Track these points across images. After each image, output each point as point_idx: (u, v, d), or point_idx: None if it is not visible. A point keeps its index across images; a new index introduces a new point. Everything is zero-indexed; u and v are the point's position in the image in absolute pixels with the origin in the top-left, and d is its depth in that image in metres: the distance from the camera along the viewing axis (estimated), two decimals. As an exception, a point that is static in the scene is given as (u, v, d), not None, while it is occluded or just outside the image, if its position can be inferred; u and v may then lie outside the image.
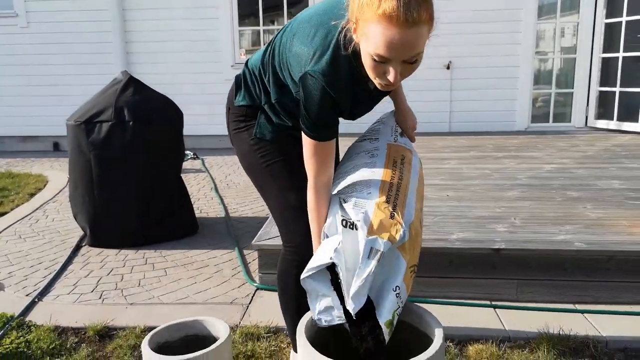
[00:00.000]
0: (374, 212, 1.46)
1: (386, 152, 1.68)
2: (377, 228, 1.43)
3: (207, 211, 4.13)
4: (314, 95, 1.46)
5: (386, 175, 1.58)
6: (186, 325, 1.82)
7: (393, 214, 1.47)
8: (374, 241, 1.41)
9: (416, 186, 1.64)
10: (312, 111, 1.48)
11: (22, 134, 7.32)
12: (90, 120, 3.20)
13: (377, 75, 1.41)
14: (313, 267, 1.47)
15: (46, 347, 2.21)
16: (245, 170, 1.85)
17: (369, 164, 1.64)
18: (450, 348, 2.14)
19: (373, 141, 1.75)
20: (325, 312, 1.51)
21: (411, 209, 1.54)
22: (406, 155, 1.69)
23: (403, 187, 1.58)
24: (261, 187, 1.82)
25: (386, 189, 1.54)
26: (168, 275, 2.91)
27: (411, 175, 1.65)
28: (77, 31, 6.92)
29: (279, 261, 1.84)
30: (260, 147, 1.77)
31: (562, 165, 4.33)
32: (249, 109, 1.76)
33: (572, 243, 2.50)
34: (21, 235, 3.64)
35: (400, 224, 1.45)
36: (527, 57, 6.47)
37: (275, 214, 1.80)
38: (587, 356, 2.06)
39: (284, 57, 1.59)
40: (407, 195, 1.57)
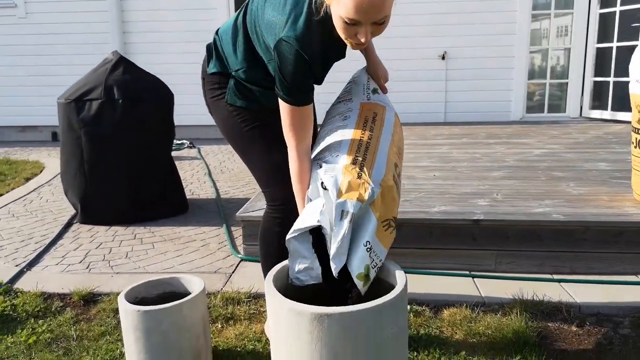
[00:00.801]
0: (342, 175, 1.51)
1: (358, 112, 1.72)
2: (345, 190, 1.48)
3: (198, 193, 4.18)
4: (289, 60, 1.50)
5: (355, 135, 1.62)
6: (163, 282, 1.86)
7: (360, 173, 1.51)
8: (343, 204, 1.47)
9: (389, 141, 1.67)
10: (288, 76, 1.51)
11: (21, 123, 7.38)
12: (80, 98, 3.26)
13: (348, 37, 1.47)
14: (299, 229, 1.51)
15: (31, 310, 2.27)
16: (225, 136, 1.88)
17: (342, 127, 1.68)
18: (425, 312, 2.18)
19: (347, 102, 1.79)
20: (304, 272, 1.57)
21: (381, 166, 1.58)
22: (378, 112, 1.72)
23: (373, 145, 1.62)
24: (243, 151, 1.86)
25: (354, 150, 1.58)
26: (155, 248, 2.96)
27: (383, 131, 1.68)
28: (75, 21, 6.98)
29: (263, 219, 1.89)
30: (239, 112, 1.81)
31: (551, 150, 4.36)
32: (222, 76, 1.79)
33: (550, 215, 2.54)
34: (14, 214, 3.70)
35: (367, 182, 1.50)
36: (522, 47, 6.50)
37: (259, 174, 1.85)
38: (560, 319, 2.10)
39: (255, 24, 1.64)
40: (376, 153, 1.61)
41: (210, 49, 1.83)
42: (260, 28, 1.61)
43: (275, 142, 1.76)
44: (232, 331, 2.05)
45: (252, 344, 1.96)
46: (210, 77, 1.83)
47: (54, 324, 2.16)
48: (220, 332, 2.05)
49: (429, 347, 1.90)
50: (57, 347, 1.99)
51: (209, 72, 1.83)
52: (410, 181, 3.30)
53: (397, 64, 6.59)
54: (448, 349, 1.89)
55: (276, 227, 1.83)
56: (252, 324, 2.10)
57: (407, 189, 3.11)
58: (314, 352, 1.36)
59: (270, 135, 1.79)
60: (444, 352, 1.87)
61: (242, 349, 1.93)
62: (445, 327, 2.06)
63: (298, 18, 1.50)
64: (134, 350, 1.69)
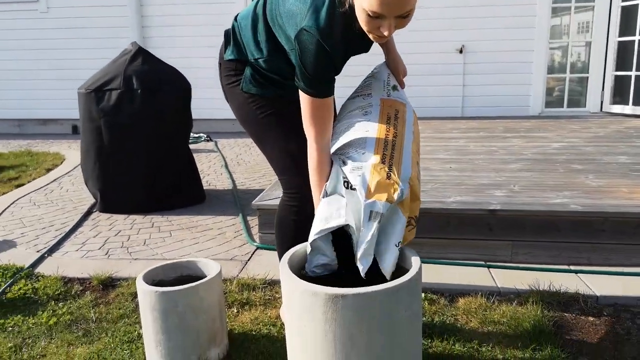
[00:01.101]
0: (370, 174, 1.49)
1: (380, 108, 1.69)
2: (374, 190, 1.47)
3: (215, 184, 4.21)
4: (310, 50, 1.48)
5: (380, 133, 1.60)
6: (180, 265, 1.89)
7: (389, 173, 1.50)
8: (373, 204, 1.46)
9: (412, 139, 1.66)
10: (309, 66, 1.50)
11: (42, 117, 7.51)
12: (100, 88, 3.31)
13: (371, 30, 1.45)
14: (327, 228, 1.51)
15: (52, 293, 2.32)
16: (241, 123, 1.88)
17: (363, 122, 1.65)
18: (440, 300, 2.18)
19: (366, 97, 1.76)
20: (321, 267, 1.59)
21: (408, 164, 1.56)
22: (400, 109, 1.70)
23: (398, 143, 1.60)
24: (259, 138, 1.85)
25: (381, 148, 1.56)
26: (173, 236, 3.00)
27: (405, 129, 1.66)
28: (95, 16, 7.07)
29: (279, 208, 1.89)
30: (254, 99, 1.80)
31: (570, 143, 4.31)
32: (239, 63, 1.79)
33: (567, 205, 2.52)
34: (36, 203, 3.77)
35: (397, 183, 1.49)
36: (542, 41, 6.42)
37: (276, 162, 1.84)
38: (576, 310, 2.08)
39: (276, 13, 1.62)
40: (402, 151, 1.59)
41: (228, 35, 1.83)
42: (281, 17, 1.60)
43: (292, 131, 1.76)
44: (248, 316, 2.07)
45: (267, 328, 1.98)
46: (227, 64, 1.84)
47: (74, 306, 2.20)
48: (236, 317, 2.08)
49: (443, 334, 1.90)
50: (76, 328, 2.03)
51: (225, 59, 1.83)
52: (426, 172, 3.29)
53: (415, 57, 6.55)
54: (462, 336, 1.89)
55: (292, 215, 1.84)
56: (267, 309, 2.12)
57: (422, 180, 3.10)
58: (328, 333, 1.37)
59: (286, 123, 1.79)
60: (458, 338, 1.87)
61: (257, 333, 1.95)
62: (460, 315, 2.05)
63: (320, 8, 1.49)
64: (151, 330, 1.72)
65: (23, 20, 7.20)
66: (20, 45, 7.29)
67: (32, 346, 1.91)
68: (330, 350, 1.38)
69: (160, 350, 1.73)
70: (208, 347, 1.76)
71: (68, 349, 1.89)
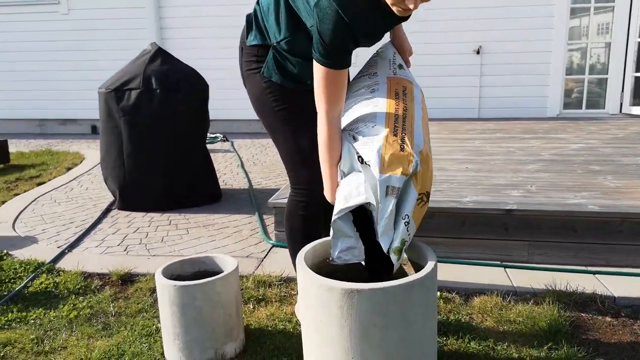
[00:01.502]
0: (383, 147, 1.45)
1: (387, 86, 1.67)
2: (388, 164, 1.43)
3: (231, 184, 4.25)
4: (328, 18, 1.45)
5: (390, 107, 1.58)
6: (198, 261, 1.92)
7: (402, 145, 1.46)
8: (388, 179, 1.42)
9: (421, 115, 1.63)
10: (326, 35, 1.47)
11: (62, 117, 7.64)
12: (120, 87, 3.36)
13: (395, 3, 1.42)
14: (346, 207, 1.46)
15: (72, 287, 2.36)
16: (256, 112, 1.87)
17: (371, 98, 1.63)
18: (455, 298, 2.18)
19: (372, 76, 1.74)
20: (347, 251, 1.54)
21: (419, 135, 1.54)
22: (407, 87, 1.68)
23: (409, 116, 1.57)
24: (272, 129, 1.85)
25: (392, 121, 1.53)
26: (190, 233, 3.04)
27: (415, 106, 1.63)
28: (114, 17, 7.18)
29: (287, 203, 1.91)
30: (272, 90, 1.79)
31: (589, 144, 4.27)
32: (261, 49, 1.77)
33: (585, 206, 2.50)
34: (56, 200, 3.85)
35: (411, 155, 1.45)
36: (560, 42, 6.36)
37: (285, 157, 1.86)
38: (594, 310, 2.07)
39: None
40: (413, 123, 1.57)
41: (250, 19, 1.81)
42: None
43: (304, 128, 1.77)
44: (264, 312, 2.09)
45: (282, 324, 2.00)
46: (249, 49, 1.81)
47: (94, 300, 2.25)
48: (252, 313, 2.10)
49: (458, 332, 1.90)
50: (96, 322, 2.07)
51: (248, 44, 1.81)
52: (441, 172, 3.29)
53: (431, 58, 6.55)
54: (478, 335, 1.89)
55: (300, 210, 1.85)
56: (283, 306, 2.14)
57: (438, 180, 3.10)
58: (343, 327, 1.38)
59: (300, 119, 1.79)
60: (473, 337, 1.87)
61: (272, 329, 1.97)
62: (475, 313, 2.05)
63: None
64: (169, 324, 1.75)
65: (44, 22, 7.34)
66: (41, 47, 7.43)
67: (54, 338, 1.96)
68: (345, 345, 1.39)
69: (177, 344, 1.75)
70: (225, 341, 1.78)
71: (88, 341, 1.93)
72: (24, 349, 1.89)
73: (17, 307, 2.20)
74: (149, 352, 1.84)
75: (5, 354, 1.86)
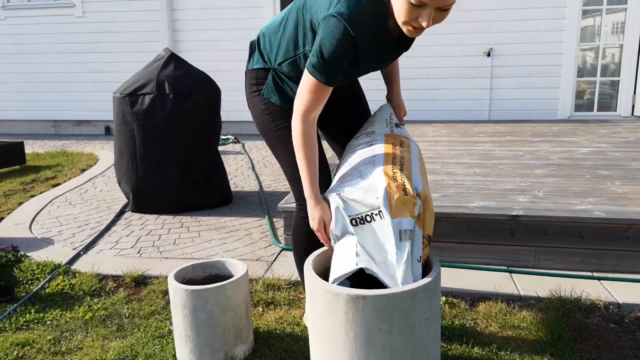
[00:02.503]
0: (388, 193, 1.48)
1: (384, 139, 1.71)
2: (396, 208, 1.47)
3: (242, 186, 4.31)
4: (333, 34, 1.48)
5: (387, 149, 1.63)
6: (209, 265, 1.98)
7: (405, 189, 1.49)
8: (400, 223, 1.46)
9: (419, 165, 1.67)
10: (327, 49, 1.50)
11: (77, 118, 7.76)
12: (134, 92, 3.44)
13: (409, 20, 1.44)
14: (338, 277, 1.48)
15: (87, 289, 2.43)
16: (259, 131, 1.95)
17: (369, 150, 1.67)
18: (460, 304, 2.21)
19: (370, 134, 1.78)
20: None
21: (417, 179, 1.58)
22: (404, 141, 1.73)
23: (406, 162, 1.61)
24: (273, 148, 1.92)
25: (390, 165, 1.56)
26: (201, 236, 3.10)
27: (412, 156, 1.67)
28: (128, 20, 7.28)
29: (293, 218, 1.97)
30: (270, 111, 1.86)
31: (598, 148, 4.27)
32: (261, 72, 1.85)
33: (591, 212, 2.52)
34: (71, 202, 3.93)
35: (414, 197, 1.49)
36: (572, 44, 6.34)
37: (287, 173, 1.91)
38: (598, 316, 2.09)
39: (306, 9, 1.65)
40: (411, 169, 1.60)
41: (252, 45, 1.91)
42: (310, 9, 1.62)
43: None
44: (273, 315, 2.15)
45: (291, 327, 2.05)
46: (250, 73, 1.90)
47: (108, 302, 2.31)
48: (261, 316, 2.15)
49: (462, 337, 1.94)
50: (111, 323, 2.14)
51: (250, 68, 1.90)
52: (449, 177, 3.32)
53: (442, 60, 6.57)
54: (482, 340, 1.93)
55: (304, 226, 1.89)
56: (292, 309, 2.19)
57: (446, 184, 3.13)
58: (349, 332, 1.43)
59: None
60: (477, 342, 1.91)
61: (281, 332, 2.02)
62: (480, 319, 2.09)
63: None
64: (181, 326, 1.81)
65: (59, 24, 7.47)
66: (57, 49, 7.56)
67: (70, 339, 2.02)
68: (350, 349, 1.44)
69: (189, 346, 1.81)
70: (234, 343, 1.84)
71: (103, 342, 1.99)
72: (42, 349, 1.96)
73: (34, 308, 2.28)
74: (162, 353, 1.90)
75: (23, 354, 1.93)
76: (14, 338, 2.02)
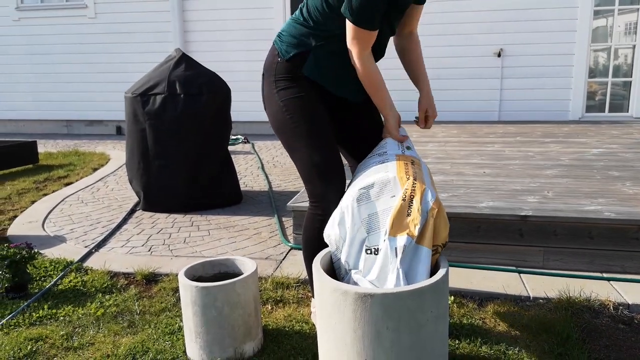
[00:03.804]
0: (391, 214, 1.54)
1: (395, 159, 1.75)
2: (394, 226, 1.52)
3: (251, 185, 4.34)
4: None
5: (399, 166, 1.67)
6: (219, 263, 2.00)
7: (409, 210, 1.54)
8: (394, 240, 1.51)
9: (430, 181, 1.70)
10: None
11: (89, 118, 7.84)
12: (146, 92, 3.47)
13: None
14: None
15: (99, 286, 2.47)
16: (275, 131, 1.96)
17: (382, 165, 1.72)
18: (469, 303, 2.21)
19: (382, 155, 1.81)
20: None
21: (427, 193, 1.60)
22: (415, 161, 1.76)
23: (418, 177, 1.64)
24: (290, 146, 1.93)
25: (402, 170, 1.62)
26: (211, 235, 3.13)
27: (423, 173, 1.71)
28: (140, 21, 7.35)
29: (305, 215, 1.98)
30: (288, 108, 1.88)
31: (609, 149, 4.24)
32: (298, 58, 1.85)
33: (601, 212, 2.51)
34: (83, 201, 3.98)
35: (417, 218, 1.53)
36: (583, 44, 6.31)
37: (301, 171, 1.93)
38: (607, 317, 2.09)
39: None
40: (423, 181, 1.64)
41: (276, 40, 1.91)
42: None
43: (319, 144, 1.86)
44: (281, 313, 2.17)
45: (299, 325, 2.07)
46: (282, 65, 1.88)
47: (120, 299, 2.34)
48: (270, 313, 2.17)
49: (470, 336, 1.94)
50: (122, 319, 2.17)
51: (286, 58, 1.87)
52: (459, 177, 3.32)
53: (452, 61, 6.56)
54: (490, 339, 1.93)
55: (316, 223, 1.90)
56: (300, 307, 2.21)
57: (455, 184, 3.13)
58: (356, 330, 1.44)
59: (315, 136, 1.87)
60: (485, 341, 1.91)
61: (290, 329, 2.04)
62: (488, 318, 2.09)
63: None
64: (191, 323, 1.83)
65: (72, 25, 7.56)
66: (69, 50, 7.65)
67: (82, 335, 2.06)
68: (358, 346, 1.45)
69: (199, 342, 1.84)
70: (244, 340, 1.86)
71: (114, 338, 2.02)
72: (55, 344, 1.99)
73: (47, 304, 2.31)
74: (172, 349, 1.92)
75: (37, 348, 1.96)
76: (28, 333, 2.06)
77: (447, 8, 6.43)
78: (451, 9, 6.46)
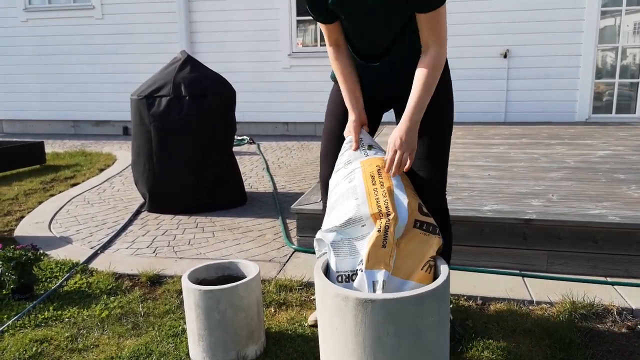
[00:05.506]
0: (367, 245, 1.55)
1: (362, 171, 1.71)
2: (370, 259, 1.53)
3: (256, 187, 4.35)
4: None
5: (367, 184, 1.65)
6: (222, 266, 2.01)
7: (385, 242, 1.54)
8: (372, 274, 1.52)
9: (402, 185, 1.67)
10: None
11: (96, 118, 7.89)
12: (151, 95, 3.49)
13: None
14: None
15: (104, 287, 2.49)
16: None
17: (351, 188, 1.68)
18: (471, 306, 2.22)
19: (347, 164, 1.78)
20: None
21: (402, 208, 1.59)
22: (380, 164, 1.72)
23: (389, 194, 1.62)
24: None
25: (373, 204, 1.60)
26: (215, 237, 3.14)
27: (392, 181, 1.68)
28: (146, 22, 7.39)
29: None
30: None
31: (615, 152, 4.22)
32: None
33: (605, 216, 2.50)
34: (89, 202, 4.01)
35: (393, 250, 1.54)
36: (590, 45, 6.28)
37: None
38: (610, 321, 2.08)
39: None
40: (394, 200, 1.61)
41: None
42: None
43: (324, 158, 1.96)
44: (284, 315, 2.17)
45: (302, 328, 2.08)
46: None
47: (124, 301, 2.36)
48: (273, 316, 2.18)
49: (472, 340, 1.94)
50: (126, 321, 2.19)
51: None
52: (463, 180, 3.32)
53: (458, 62, 6.54)
54: (492, 343, 1.93)
55: None
56: (303, 310, 2.22)
57: (459, 187, 3.13)
58: (357, 335, 1.45)
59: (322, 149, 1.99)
60: (487, 345, 1.91)
61: (292, 332, 2.05)
62: (491, 322, 2.09)
63: None
64: (195, 326, 1.85)
65: (79, 26, 7.60)
66: (77, 50, 7.70)
67: (87, 336, 2.08)
68: (359, 351, 1.46)
69: (202, 345, 1.85)
70: (246, 343, 1.87)
71: (118, 340, 2.04)
72: (59, 346, 2.01)
73: (53, 305, 2.34)
74: (175, 352, 1.94)
75: (42, 350, 1.98)
76: (33, 335, 2.08)
77: (453, 9, 6.42)
78: (457, 10, 6.44)
